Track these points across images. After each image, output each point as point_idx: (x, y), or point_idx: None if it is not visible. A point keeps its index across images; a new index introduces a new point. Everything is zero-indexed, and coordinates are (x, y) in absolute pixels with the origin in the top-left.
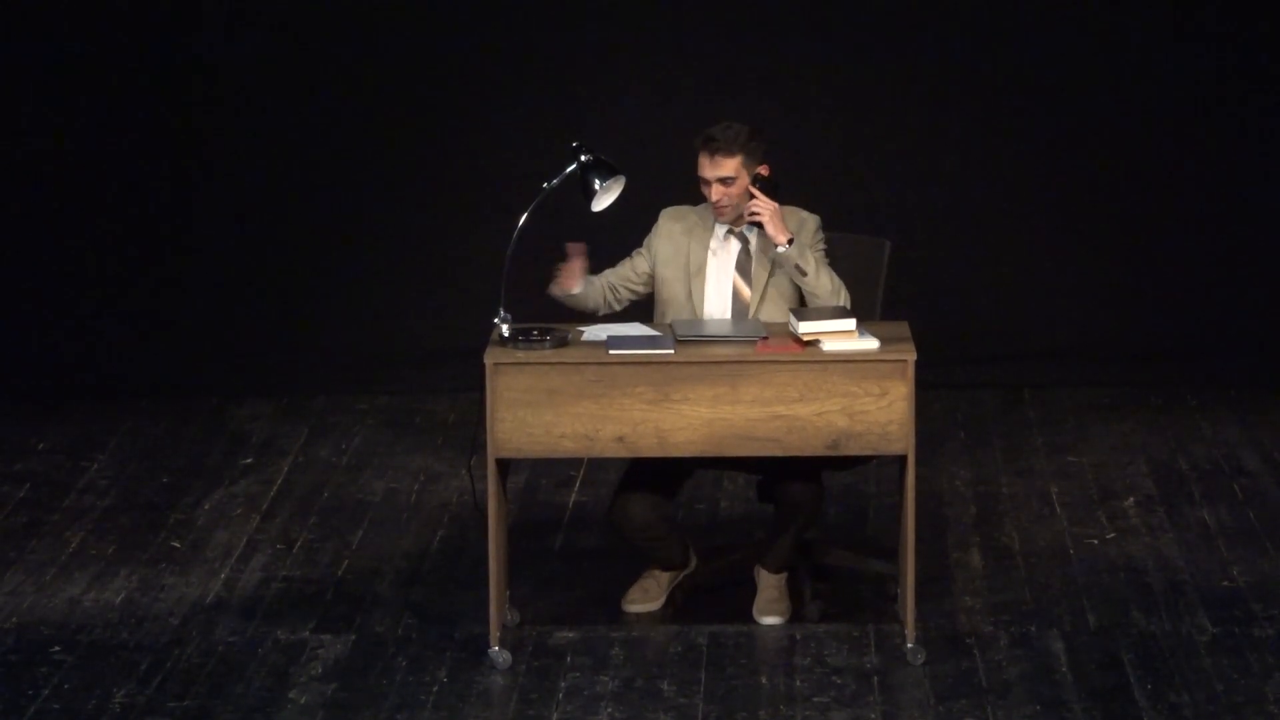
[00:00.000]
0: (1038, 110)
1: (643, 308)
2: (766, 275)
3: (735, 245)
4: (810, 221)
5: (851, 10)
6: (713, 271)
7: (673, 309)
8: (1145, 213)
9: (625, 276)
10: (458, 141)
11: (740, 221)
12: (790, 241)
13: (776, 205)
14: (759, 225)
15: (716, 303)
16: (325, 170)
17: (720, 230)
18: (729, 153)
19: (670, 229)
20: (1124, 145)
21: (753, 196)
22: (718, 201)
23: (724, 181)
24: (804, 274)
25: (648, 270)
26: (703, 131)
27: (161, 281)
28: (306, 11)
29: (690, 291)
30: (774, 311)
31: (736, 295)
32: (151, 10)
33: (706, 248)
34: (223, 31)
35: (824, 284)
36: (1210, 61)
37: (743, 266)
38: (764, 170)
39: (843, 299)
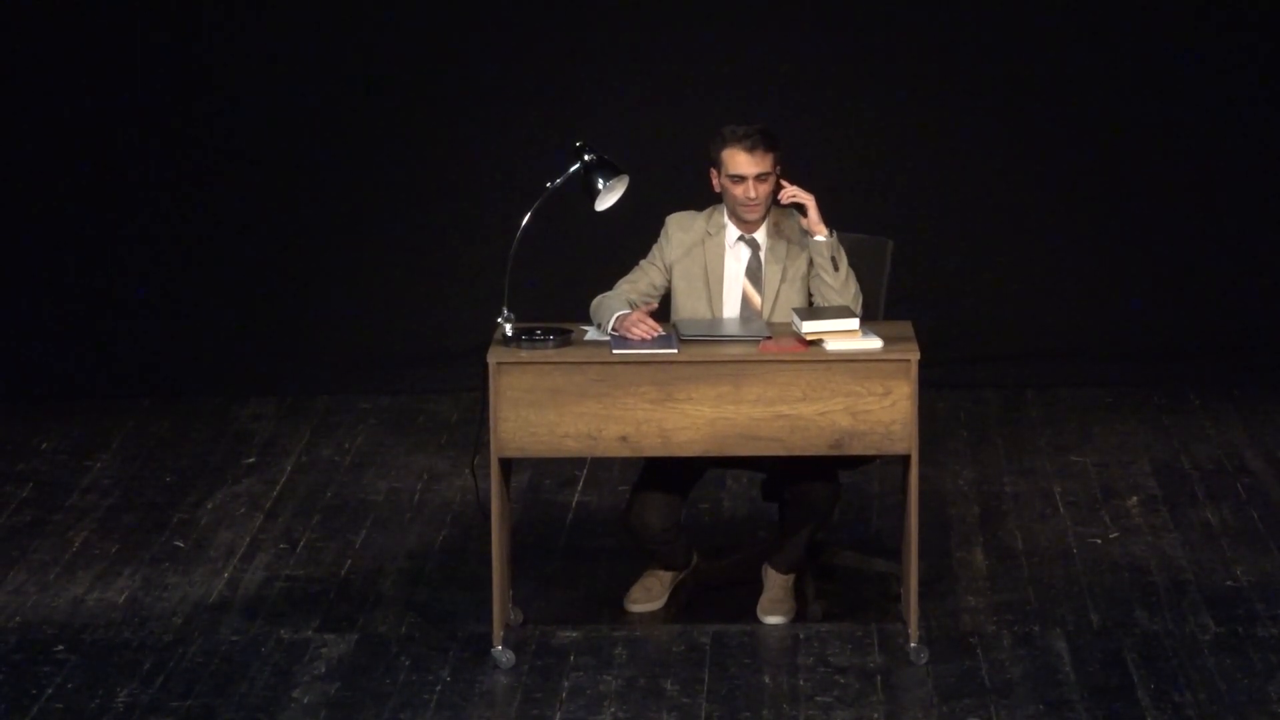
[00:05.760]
0: (1041, 110)
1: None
2: (778, 282)
3: (745, 252)
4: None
5: (854, 9)
6: (726, 279)
7: (688, 316)
8: (1149, 213)
9: (645, 292)
10: (461, 141)
11: (755, 226)
12: (832, 232)
13: (812, 196)
14: (799, 208)
15: (728, 311)
16: (328, 170)
17: (731, 237)
18: (769, 148)
19: (681, 239)
20: (1126, 145)
21: (782, 187)
22: (753, 199)
23: (761, 178)
24: (836, 269)
25: (664, 283)
26: (729, 130)
27: (164, 281)
28: (309, 11)
29: (710, 303)
30: (785, 318)
31: (746, 302)
32: (153, 9)
33: (721, 257)
34: (224, 31)
35: (850, 288)
36: (1211, 61)
37: (753, 273)
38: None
39: (858, 307)
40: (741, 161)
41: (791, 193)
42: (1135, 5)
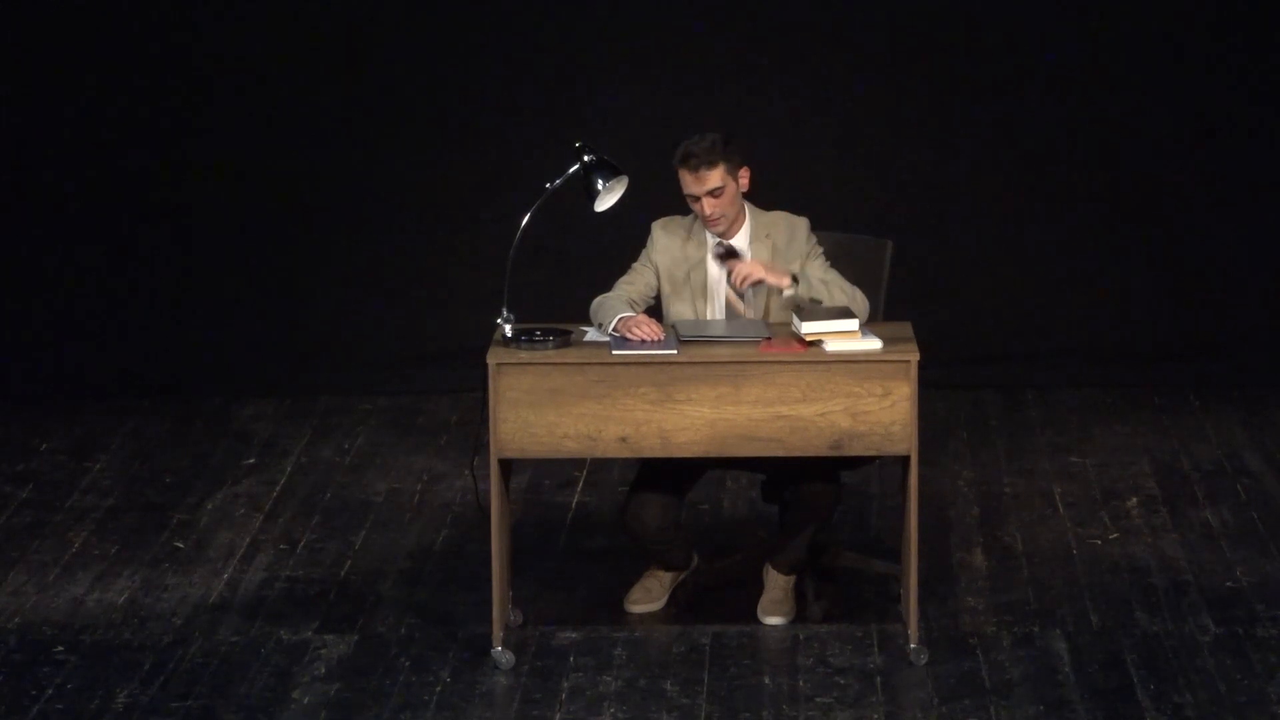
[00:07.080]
0: (1040, 111)
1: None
2: (766, 294)
3: None
4: (801, 228)
5: (854, 10)
6: (710, 285)
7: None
8: (1148, 213)
9: (642, 292)
10: (460, 141)
11: (733, 231)
12: (794, 279)
13: (758, 261)
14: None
15: (716, 317)
16: (328, 170)
17: (711, 243)
18: (711, 164)
19: (667, 245)
20: (1126, 146)
21: (727, 262)
22: (710, 214)
23: (713, 194)
24: (819, 302)
25: (656, 284)
26: (678, 150)
27: (164, 281)
28: (308, 10)
29: (696, 310)
30: (784, 319)
31: (730, 310)
32: (153, 8)
33: (704, 263)
34: (223, 30)
35: (839, 299)
36: (1210, 62)
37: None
38: (726, 243)
39: (860, 302)
40: (688, 181)
41: (743, 276)
42: (1135, 6)
